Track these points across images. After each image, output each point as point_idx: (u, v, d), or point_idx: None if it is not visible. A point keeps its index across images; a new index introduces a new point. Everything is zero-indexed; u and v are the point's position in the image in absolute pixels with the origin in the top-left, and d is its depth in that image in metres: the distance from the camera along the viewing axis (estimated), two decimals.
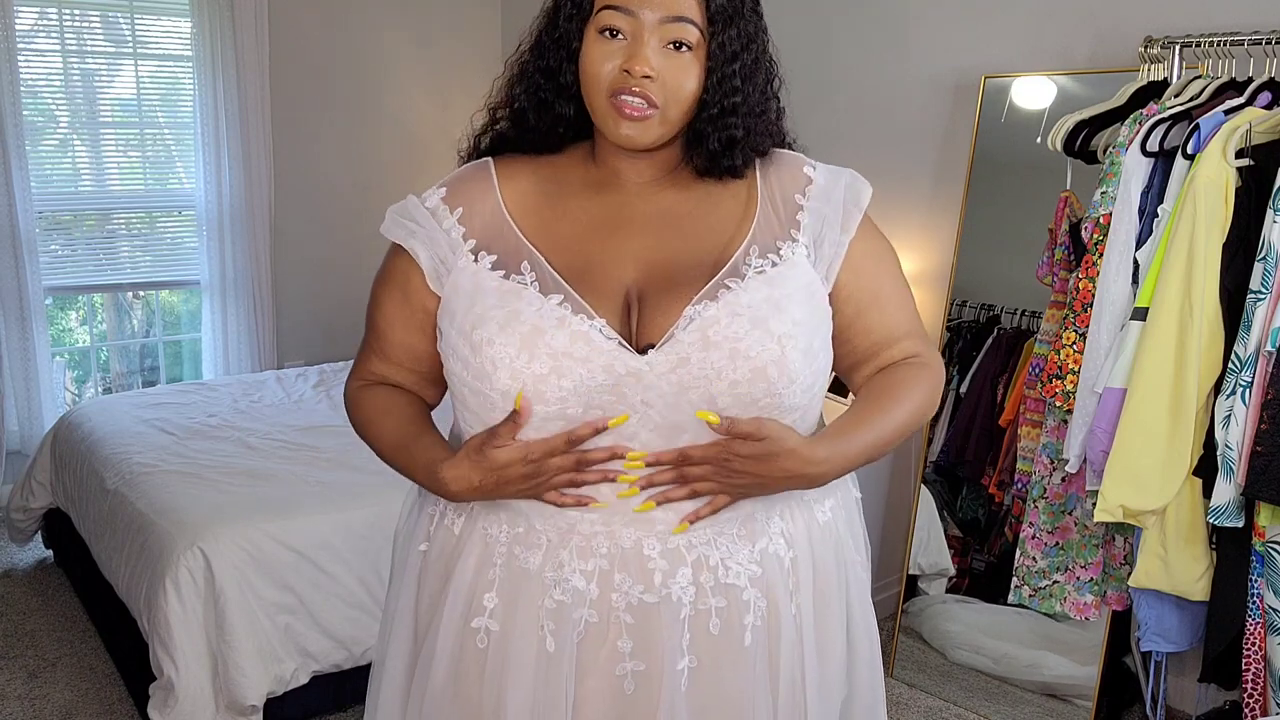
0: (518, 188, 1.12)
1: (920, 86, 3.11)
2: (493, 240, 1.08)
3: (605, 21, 1.03)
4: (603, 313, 1.03)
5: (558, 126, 1.11)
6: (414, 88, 4.56)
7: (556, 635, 1.05)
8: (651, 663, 1.05)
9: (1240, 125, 1.97)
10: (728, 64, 1.05)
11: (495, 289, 1.04)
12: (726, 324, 1.01)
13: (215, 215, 4.05)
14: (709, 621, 1.05)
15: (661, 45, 1.03)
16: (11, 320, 3.72)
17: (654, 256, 1.07)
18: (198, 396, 3.47)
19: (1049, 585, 2.39)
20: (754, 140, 1.09)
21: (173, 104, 4.05)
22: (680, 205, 1.11)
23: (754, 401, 1.00)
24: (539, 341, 1.00)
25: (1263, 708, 1.99)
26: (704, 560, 1.05)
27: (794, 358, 1.01)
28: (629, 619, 1.05)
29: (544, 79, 1.10)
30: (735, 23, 1.05)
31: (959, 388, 2.86)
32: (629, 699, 1.06)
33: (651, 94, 1.02)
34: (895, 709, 2.72)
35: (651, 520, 1.04)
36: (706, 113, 1.06)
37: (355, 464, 2.81)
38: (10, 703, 2.61)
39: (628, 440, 1.03)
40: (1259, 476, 1.88)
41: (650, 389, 1.01)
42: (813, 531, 1.14)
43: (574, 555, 1.05)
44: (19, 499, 3.30)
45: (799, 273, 1.07)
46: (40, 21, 3.76)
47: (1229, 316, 1.97)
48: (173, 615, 2.27)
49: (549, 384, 0.99)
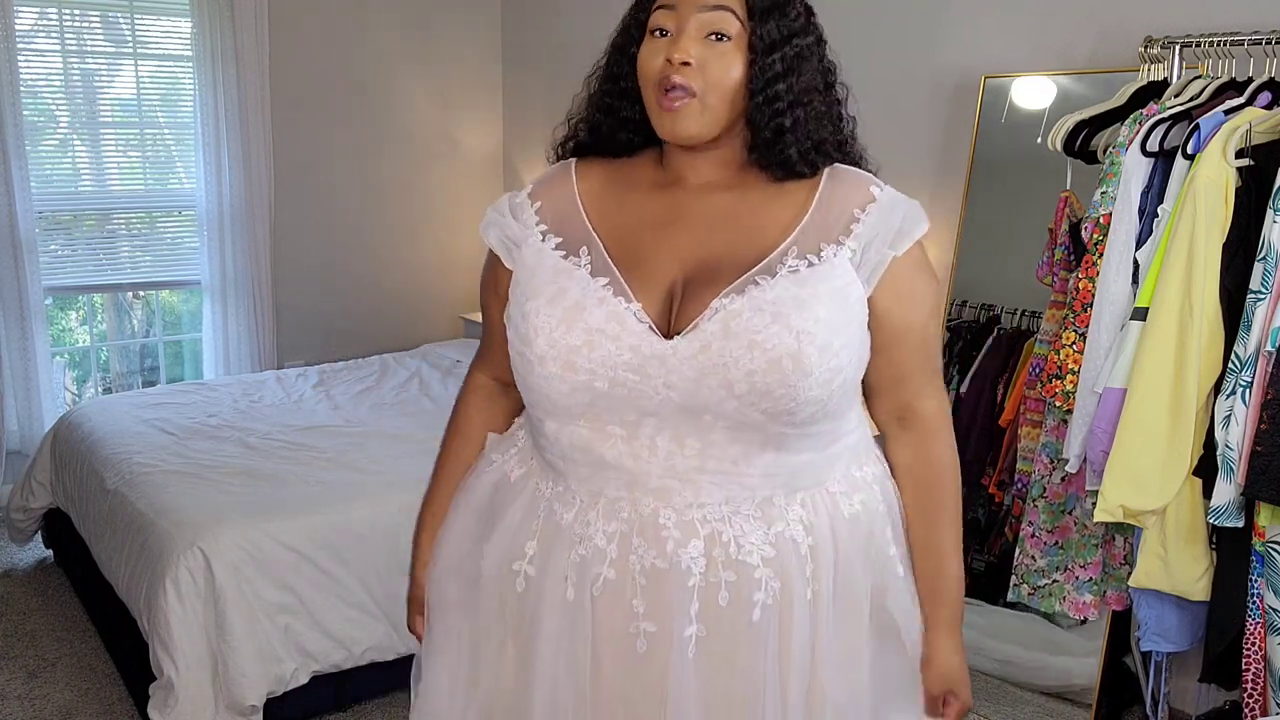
0: (592, 184, 1.22)
1: (920, 86, 3.11)
2: (562, 226, 1.19)
3: (656, 22, 1.12)
4: (643, 298, 1.11)
5: (625, 129, 1.20)
6: (414, 87, 4.56)
7: (576, 586, 1.14)
8: (662, 625, 1.12)
9: (1240, 125, 1.97)
10: (767, 54, 1.10)
11: (552, 266, 1.15)
12: (749, 317, 1.07)
13: (215, 215, 4.05)
14: (718, 594, 1.11)
15: (702, 36, 1.09)
16: (11, 320, 3.72)
17: (701, 252, 1.14)
18: (198, 396, 3.47)
19: (1048, 584, 2.39)
20: (807, 131, 1.13)
21: (173, 104, 4.05)
22: (735, 206, 1.16)
23: (769, 391, 1.06)
24: (579, 316, 1.10)
25: (1263, 708, 1.99)
26: (717, 535, 1.12)
27: (810, 353, 1.06)
28: (643, 581, 1.12)
29: (610, 85, 1.19)
30: (774, 16, 1.11)
31: (959, 388, 2.86)
32: (641, 657, 1.13)
33: (690, 81, 1.08)
34: None
35: (669, 492, 1.12)
36: (753, 101, 1.12)
37: (355, 464, 2.81)
38: (10, 703, 2.61)
39: (652, 418, 1.10)
40: (1259, 476, 1.87)
41: (673, 372, 1.08)
42: (836, 524, 1.17)
43: (600, 516, 1.14)
44: (19, 499, 3.30)
45: (836, 274, 1.11)
46: (40, 21, 3.76)
47: (1229, 316, 1.97)
48: (173, 615, 2.27)
49: (580, 355, 1.09)
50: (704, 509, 1.12)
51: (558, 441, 1.16)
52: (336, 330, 4.47)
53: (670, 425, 1.10)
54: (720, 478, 1.12)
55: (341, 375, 3.80)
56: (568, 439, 1.15)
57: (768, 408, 1.07)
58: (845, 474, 1.20)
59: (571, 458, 1.15)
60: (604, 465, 1.13)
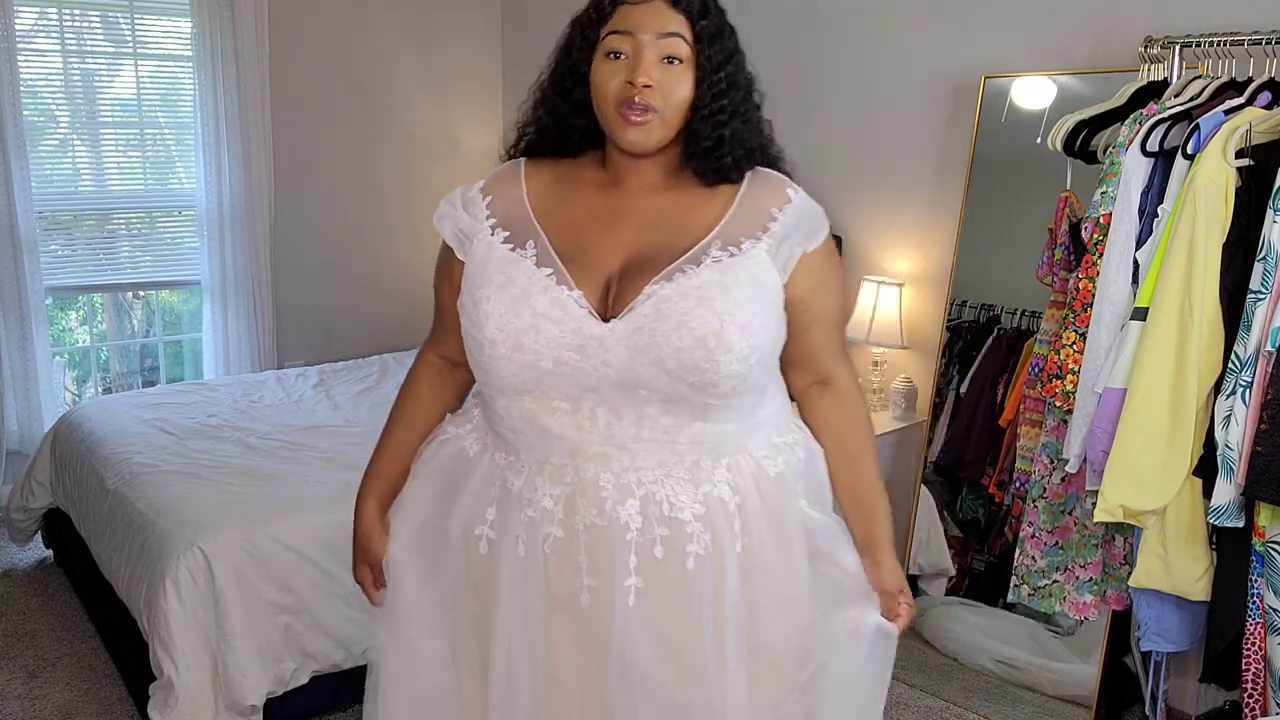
0: (539, 182, 1.35)
1: (920, 86, 3.11)
2: (510, 220, 1.31)
3: (610, 46, 1.24)
4: (583, 286, 1.25)
5: (573, 136, 1.33)
6: (414, 87, 4.56)
7: (527, 544, 1.28)
8: (603, 579, 1.25)
9: (1240, 125, 1.97)
10: (714, 72, 1.25)
11: (501, 258, 1.28)
12: (677, 301, 1.21)
13: (215, 215, 4.05)
14: (654, 548, 1.25)
15: (658, 60, 1.23)
16: (11, 320, 3.72)
17: (637, 246, 1.28)
18: (198, 396, 3.47)
19: (1048, 585, 2.39)
20: (741, 140, 1.29)
21: (173, 104, 4.05)
22: (669, 205, 1.30)
23: (695, 365, 1.20)
24: (525, 303, 1.23)
25: (1263, 708, 1.99)
26: (651, 495, 1.26)
27: (731, 331, 1.20)
28: (587, 538, 1.26)
29: (561, 99, 1.31)
30: (718, 40, 1.26)
31: (959, 388, 2.86)
32: (587, 610, 1.26)
33: (652, 101, 1.22)
34: (895, 709, 2.72)
35: (608, 458, 1.25)
36: (699, 115, 1.26)
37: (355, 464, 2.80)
38: (10, 703, 2.61)
39: (592, 393, 1.23)
40: (1259, 476, 1.88)
41: (610, 351, 1.21)
42: (762, 484, 1.32)
43: (546, 481, 1.27)
44: (19, 499, 3.30)
45: (754, 264, 1.26)
46: (40, 21, 3.76)
47: (1229, 316, 1.97)
48: (173, 615, 2.27)
49: (527, 337, 1.22)
50: (639, 472, 1.25)
51: (508, 416, 1.28)
52: (336, 330, 4.47)
53: (609, 399, 1.24)
54: (654, 445, 1.25)
55: (341, 375, 3.80)
56: (517, 413, 1.27)
57: (694, 381, 1.21)
58: (767, 441, 1.35)
59: (520, 430, 1.28)
60: (550, 436, 1.26)
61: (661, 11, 1.23)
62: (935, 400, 2.92)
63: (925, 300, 3.14)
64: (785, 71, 3.46)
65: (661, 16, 1.23)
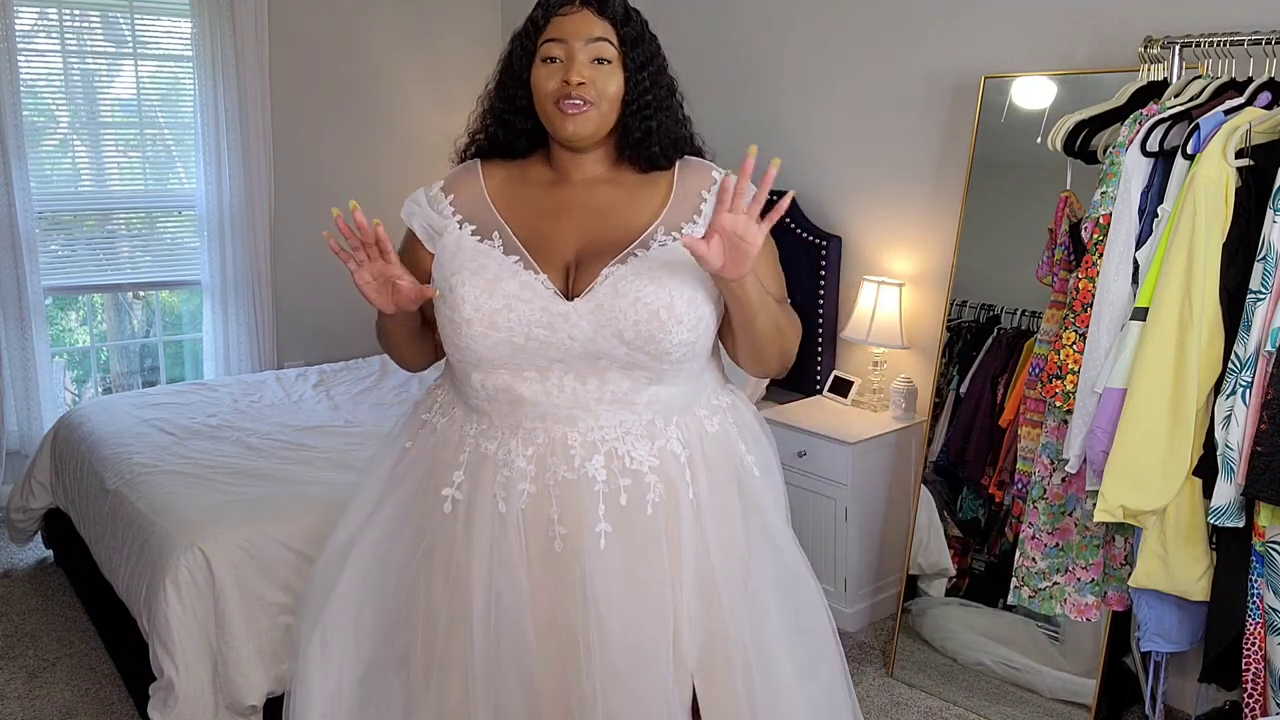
0: (496, 181, 1.52)
1: (920, 86, 3.11)
2: (474, 216, 1.49)
3: (547, 52, 1.43)
4: (547, 270, 1.42)
5: (520, 138, 1.50)
6: (414, 87, 4.56)
7: (506, 501, 1.42)
8: (573, 528, 1.41)
9: (1240, 125, 1.97)
10: (639, 71, 1.44)
11: (472, 248, 1.45)
12: (631, 280, 1.38)
13: (215, 215, 4.05)
14: (619, 497, 1.41)
15: (589, 61, 1.41)
16: (11, 320, 3.72)
17: (589, 234, 1.45)
18: (198, 397, 3.47)
19: (1049, 586, 2.38)
20: (667, 131, 1.47)
21: (173, 104, 4.05)
22: (612, 196, 1.48)
23: (651, 336, 1.37)
24: (498, 286, 1.40)
25: (1263, 708, 1.99)
26: (614, 451, 1.42)
27: (679, 303, 1.38)
28: (558, 492, 1.41)
29: (505, 104, 1.50)
30: (640, 44, 1.45)
31: (959, 388, 2.86)
32: (559, 556, 1.41)
33: (586, 95, 1.40)
34: (895, 709, 2.72)
35: (575, 420, 1.42)
36: (629, 109, 1.44)
37: (355, 464, 2.81)
38: (10, 703, 2.62)
39: (560, 363, 1.40)
40: (1259, 476, 1.88)
41: (574, 326, 1.38)
42: (705, 440, 1.50)
43: (519, 443, 1.43)
44: (19, 499, 3.30)
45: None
46: (40, 21, 3.76)
47: (1229, 316, 1.97)
48: (173, 615, 2.27)
49: (501, 316, 1.39)
50: (602, 431, 1.42)
51: (483, 388, 1.44)
52: (336, 330, 4.47)
53: (574, 368, 1.40)
54: (615, 407, 1.42)
55: (341, 375, 3.80)
56: (492, 384, 1.43)
57: (651, 349, 1.38)
58: (707, 402, 1.52)
59: (495, 399, 1.44)
60: (522, 402, 1.42)
61: (589, 19, 1.42)
62: (935, 400, 2.92)
63: (925, 300, 3.14)
64: (785, 71, 3.46)
65: (589, 24, 1.42)
